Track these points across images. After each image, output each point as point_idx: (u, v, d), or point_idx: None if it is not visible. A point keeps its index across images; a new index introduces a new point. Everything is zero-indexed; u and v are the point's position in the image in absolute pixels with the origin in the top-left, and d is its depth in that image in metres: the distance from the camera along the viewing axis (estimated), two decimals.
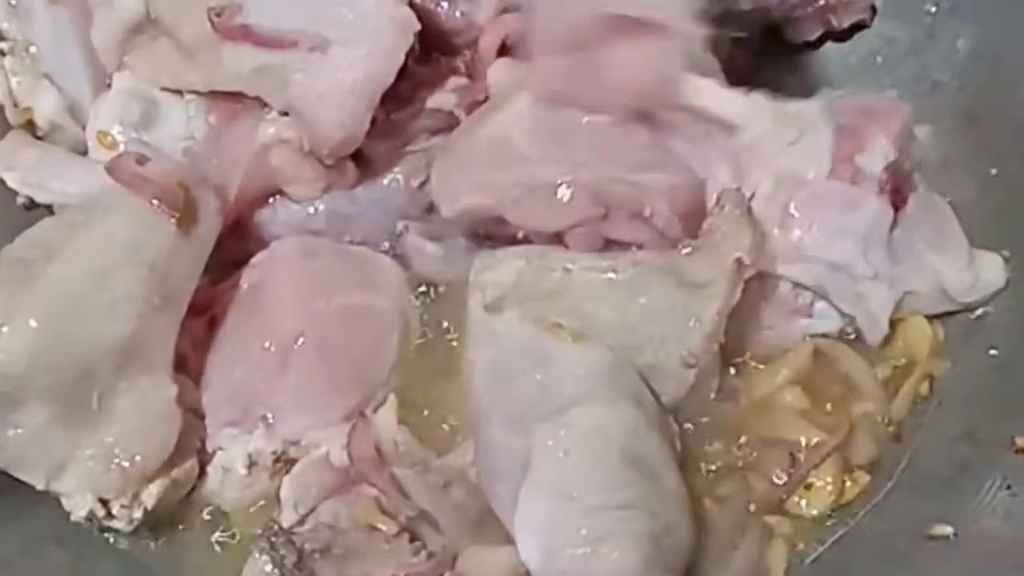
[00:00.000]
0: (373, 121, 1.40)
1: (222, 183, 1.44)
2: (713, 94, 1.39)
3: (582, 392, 1.27)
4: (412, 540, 1.27)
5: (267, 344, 1.40)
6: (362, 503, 1.29)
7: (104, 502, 1.31)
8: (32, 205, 1.47)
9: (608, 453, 1.24)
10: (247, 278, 1.46)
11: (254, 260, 1.48)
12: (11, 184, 1.46)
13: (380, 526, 1.27)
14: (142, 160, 1.36)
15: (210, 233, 1.38)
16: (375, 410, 1.39)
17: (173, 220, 1.33)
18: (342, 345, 1.42)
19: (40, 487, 1.30)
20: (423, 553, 1.27)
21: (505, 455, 1.28)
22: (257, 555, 1.26)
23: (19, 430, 1.27)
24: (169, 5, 1.42)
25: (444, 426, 1.42)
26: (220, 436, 1.38)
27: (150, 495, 1.31)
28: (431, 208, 1.50)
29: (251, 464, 1.35)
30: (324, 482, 1.33)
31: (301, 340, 1.40)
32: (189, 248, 1.36)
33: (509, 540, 1.25)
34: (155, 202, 1.33)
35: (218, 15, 1.37)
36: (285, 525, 1.29)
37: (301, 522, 1.30)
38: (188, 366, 1.40)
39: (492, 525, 1.30)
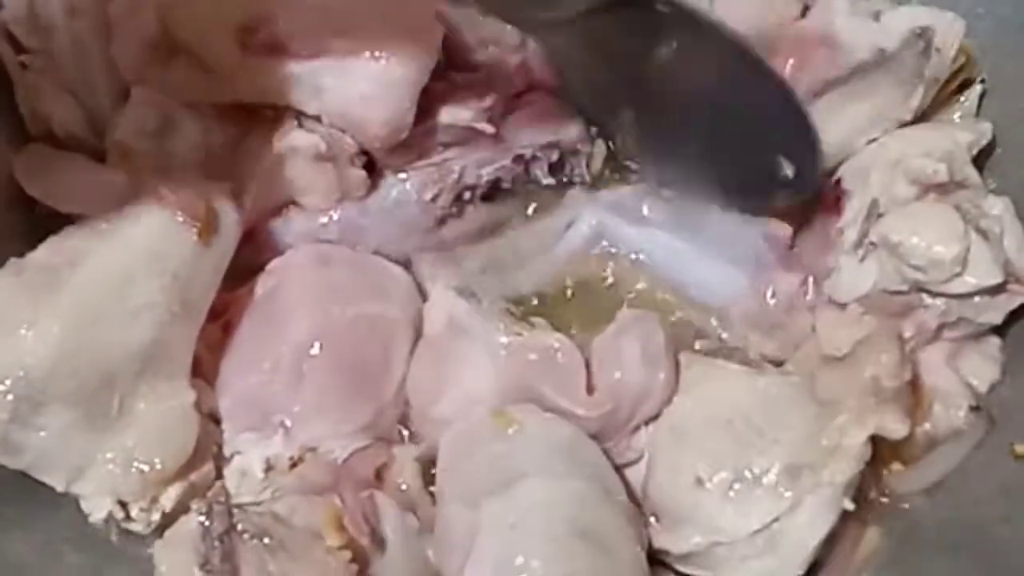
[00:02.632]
0: None
1: (237, 193, 1.46)
2: None
3: (533, 466, 1.27)
4: (352, 561, 1.26)
5: (282, 351, 1.41)
6: (325, 510, 1.29)
7: (123, 505, 1.33)
8: (54, 213, 1.48)
9: (554, 525, 1.22)
10: (262, 284, 1.48)
11: (269, 267, 1.50)
12: (32, 193, 1.47)
13: (329, 540, 1.27)
14: (162, 170, 1.39)
15: (230, 243, 1.41)
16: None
17: (194, 230, 1.35)
18: (356, 354, 1.43)
19: (60, 489, 1.32)
20: (351, 575, 1.26)
21: (455, 530, 1.28)
22: (192, 515, 1.26)
23: (42, 433, 1.29)
24: (190, 22, 1.45)
25: None
26: (238, 440, 1.40)
27: (168, 498, 1.33)
28: (443, 221, 1.54)
29: (268, 468, 1.37)
30: (310, 477, 1.35)
31: (316, 348, 1.41)
32: (209, 258, 1.38)
33: None
34: (177, 213, 1.35)
35: (250, 32, 1.40)
36: (241, 500, 1.32)
37: (257, 504, 1.32)
38: (203, 370, 1.42)
39: None
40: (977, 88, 1.54)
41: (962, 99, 1.55)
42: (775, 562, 1.27)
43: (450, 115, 1.52)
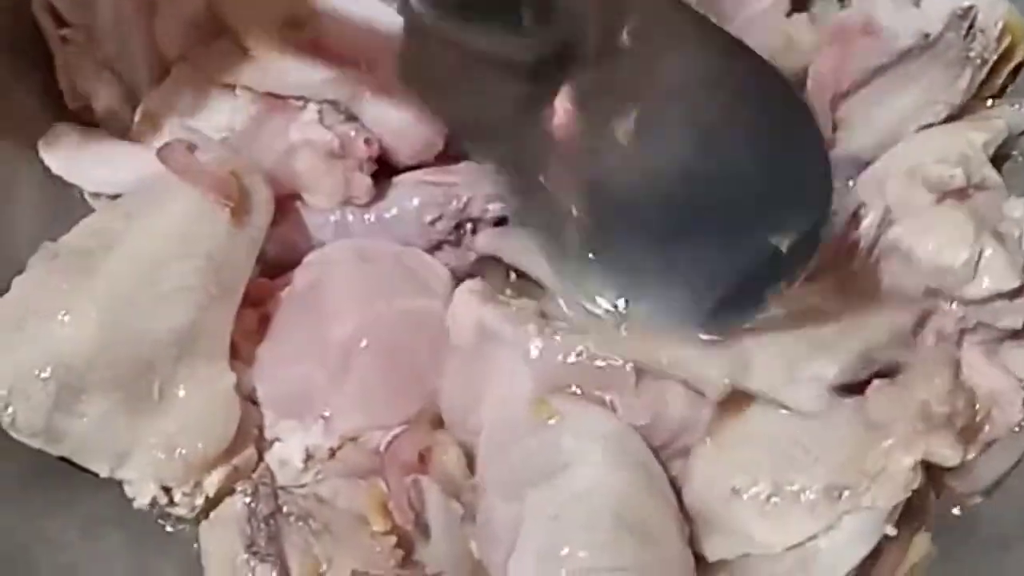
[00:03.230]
0: None
1: None
2: None
3: (577, 456, 1.25)
4: (397, 546, 1.26)
5: (328, 346, 1.39)
6: (370, 494, 1.28)
7: (167, 490, 1.33)
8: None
9: (600, 515, 1.20)
10: (301, 277, 1.46)
11: (307, 260, 1.48)
12: (58, 172, 1.46)
13: (375, 524, 1.26)
14: (192, 148, 1.37)
15: (262, 222, 1.39)
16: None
17: (227, 211, 1.33)
18: (403, 349, 1.41)
19: (104, 475, 1.32)
20: (397, 560, 1.25)
21: (499, 522, 1.27)
22: (238, 494, 1.27)
23: (84, 419, 1.29)
24: (238, 6, 1.43)
25: None
26: (279, 427, 1.39)
27: (212, 483, 1.33)
28: (438, 247, 1.51)
29: (308, 458, 1.36)
30: (351, 462, 1.34)
31: (363, 343, 1.39)
32: (243, 238, 1.36)
33: None
34: (209, 192, 1.33)
35: (296, 26, 1.39)
36: (284, 482, 1.31)
37: (300, 486, 1.31)
38: (240, 354, 1.41)
39: None
40: None
41: (1016, 105, 1.50)
42: None
43: None
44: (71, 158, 1.47)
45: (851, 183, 1.48)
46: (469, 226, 1.50)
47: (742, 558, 1.27)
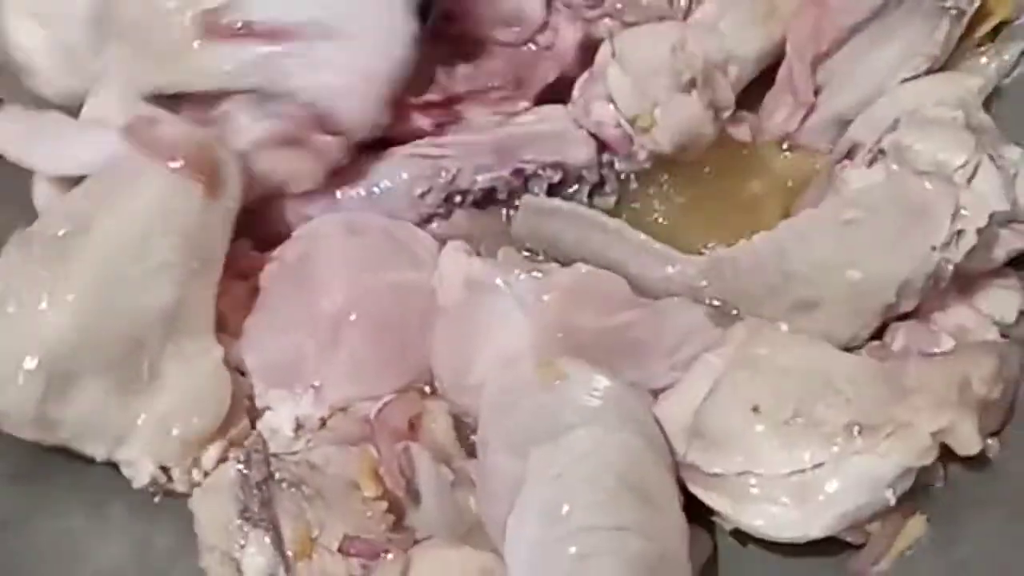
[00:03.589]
0: None
1: None
2: None
3: (584, 417, 1.25)
4: (388, 511, 1.26)
5: (317, 318, 1.40)
6: (361, 460, 1.29)
7: (165, 469, 1.33)
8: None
9: (604, 475, 1.20)
10: (291, 250, 1.46)
11: (296, 234, 1.48)
12: (13, 159, 1.42)
13: (366, 490, 1.26)
14: (154, 122, 1.35)
15: (236, 192, 1.37)
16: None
17: (200, 185, 1.32)
18: (393, 321, 1.41)
19: (101, 458, 1.32)
20: (388, 525, 1.26)
21: (501, 479, 1.26)
22: (231, 463, 1.28)
23: (76, 406, 1.28)
24: (131, 10, 1.41)
25: None
26: (269, 396, 1.39)
27: (209, 458, 1.33)
28: (428, 219, 1.51)
29: (298, 427, 1.36)
30: (342, 430, 1.35)
31: (353, 315, 1.39)
32: (218, 210, 1.35)
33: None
34: (178, 167, 1.31)
35: (216, 14, 1.36)
36: (276, 450, 1.31)
37: (292, 453, 1.31)
38: (228, 326, 1.40)
39: (479, 540, 1.30)
40: (1021, 44, 1.52)
41: (1005, 56, 1.52)
42: (797, 515, 1.25)
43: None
44: (27, 143, 1.43)
45: None
46: (458, 198, 1.51)
47: (740, 476, 1.27)
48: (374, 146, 1.49)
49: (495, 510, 1.26)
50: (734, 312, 1.40)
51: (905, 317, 1.39)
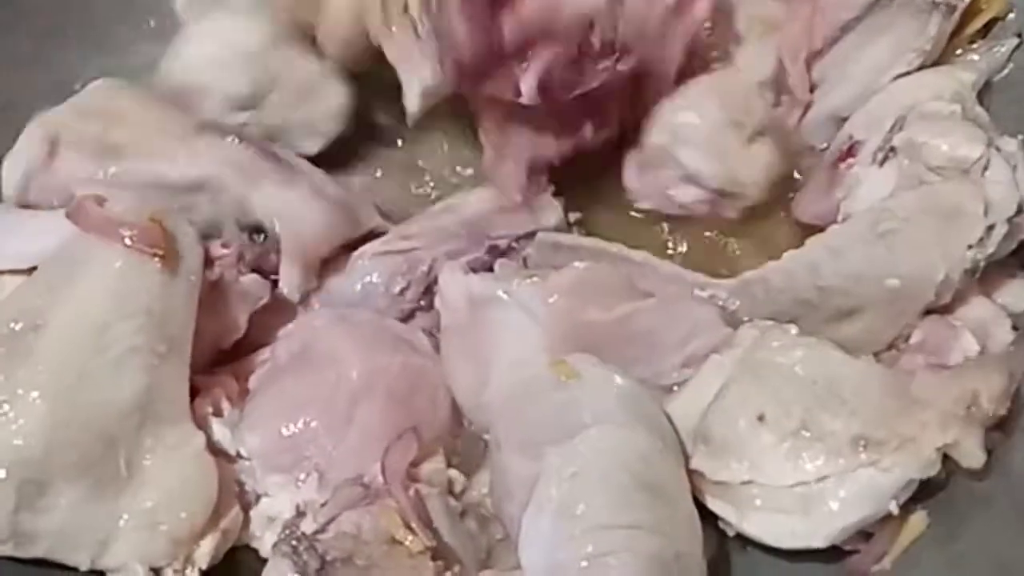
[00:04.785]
0: None
1: None
2: None
3: (597, 415, 1.25)
4: (434, 559, 1.24)
5: (332, 393, 1.36)
6: (387, 515, 1.25)
7: (156, 571, 1.25)
8: None
9: (619, 474, 1.20)
10: (284, 347, 1.44)
11: (285, 331, 1.46)
12: None
13: (405, 541, 1.23)
14: (101, 201, 1.29)
15: (196, 263, 1.31)
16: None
17: (156, 260, 1.25)
18: (405, 398, 1.38)
19: (85, 568, 1.25)
20: (439, 570, 1.23)
21: (515, 478, 1.26)
22: (279, 559, 1.21)
23: (52, 515, 1.22)
24: None
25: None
26: (266, 483, 1.33)
27: (203, 554, 1.26)
28: (411, 315, 1.49)
29: (299, 514, 1.30)
30: (349, 494, 1.29)
31: (369, 390, 1.36)
32: (180, 284, 1.28)
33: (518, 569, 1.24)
34: (131, 244, 1.25)
35: None
36: (306, 532, 1.25)
37: (322, 530, 1.25)
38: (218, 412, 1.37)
39: (501, 558, 1.30)
40: (1013, 40, 1.52)
41: (997, 52, 1.52)
42: (801, 526, 1.25)
43: None
44: None
45: None
46: (437, 287, 1.48)
47: (744, 485, 1.27)
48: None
49: (509, 507, 1.26)
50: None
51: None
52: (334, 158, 1.59)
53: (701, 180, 1.48)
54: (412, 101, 1.42)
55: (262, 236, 1.45)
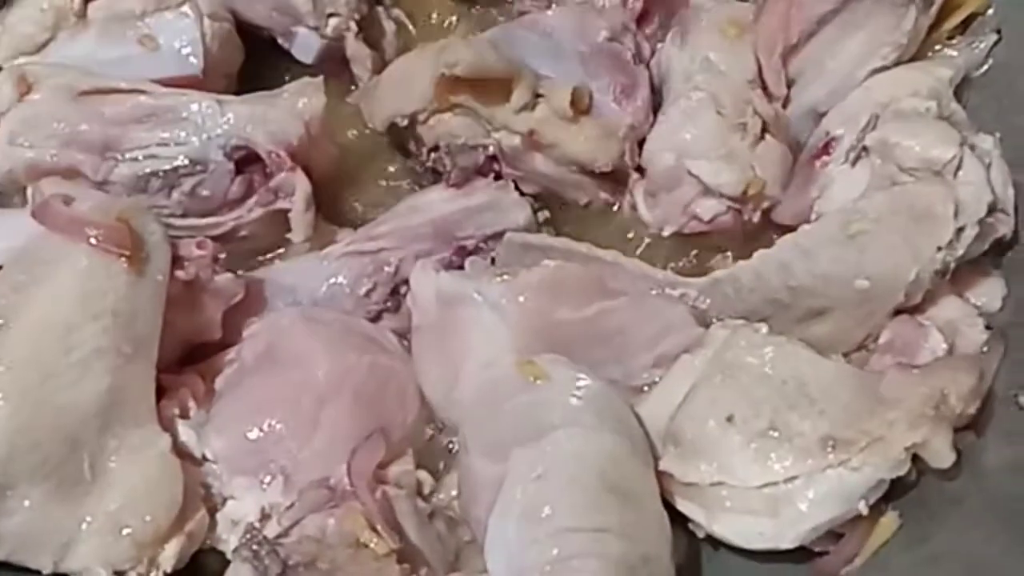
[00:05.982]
0: None
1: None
2: None
3: (565, 417, 1.24)
4: (401, 561, 1.23)
5: (298, 395, 1.34)
6: (351, 518, 1.24)
7: (120, 574, 1.24)
8: None
9: (586, 476, 1.20)
10: (250, 347, 1.41)
11: (250, 331, 1.43)
12: None
13: (370, 544, 1.22)
14: (68, 200, 1.27)
15: (163, 264, 1.29)
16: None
17: (123, 260, 1.24)
18: (374, 399, 1.37)
19: (48, 572, 1.23)
20: (405, 573, 1.23)
21: (481, 481, 1.26)
22: (239, 564, 1.20)
23: (14, 517, 1.20)
24: None
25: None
26: (232, 485, 1.32)
27: (168, 557, 1.25)
28: (377, 316, 1.48)
29: (264, 517, 1.29)
30: (314, 497, 1.28)
31: (336, 392, 1.34)
32: (146, 285, 1.27)
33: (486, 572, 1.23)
34: (97, 244, 1.23)
35: None
36: (269, 536, 1.24)
37: (286, 533, 1.24)
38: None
39: (469, 561, 1.29)
40: (992, 36, 1.52)
41: (975, 48, 1.52)
42: (769, 527, 1.25)
43: None
44: None
45: None
46: (404, 289, 1.47)
47: (713, 486, 1.27)
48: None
49: (477, 511, 1.26)
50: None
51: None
52: None
53: (721, 189, 1.46)
54: None
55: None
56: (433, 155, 1.52)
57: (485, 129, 1.50)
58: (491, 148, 1.51)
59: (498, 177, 1.54)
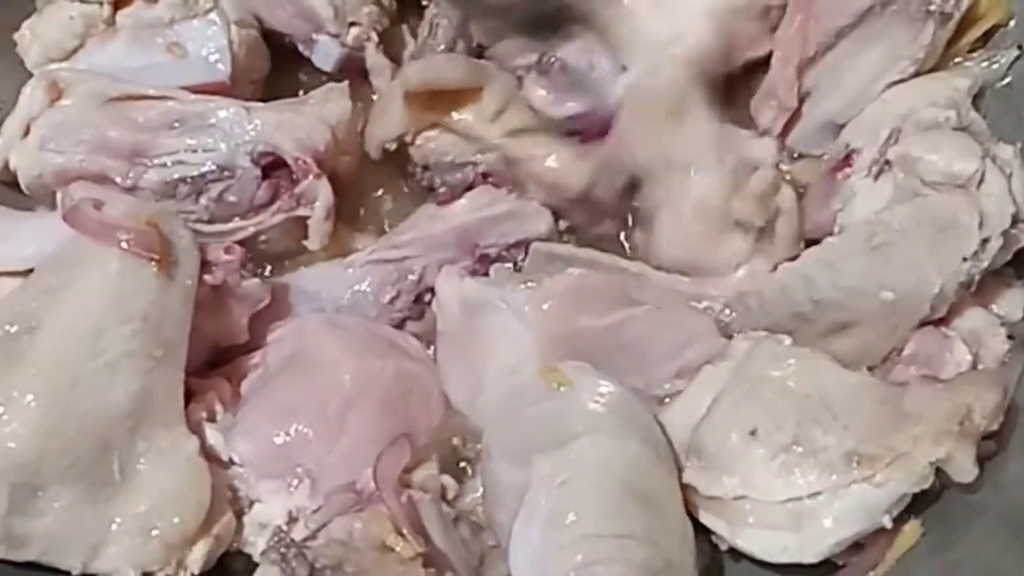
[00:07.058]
0: None
1: None
2: None
3: (589, 424, 1.25)
4: (426, 566, 1.23)
5: (324, 400, 1.35)
6: (378, 521, 1.24)
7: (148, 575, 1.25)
8: None
9: (610, 483, 1.21)
10: (275, 352, 1.42)
11: (275, 336, 1.44)
12: None
13: (396, 547, 1.22)
14: (99, 204, 1.28)
15: (192, 268, 1.30)
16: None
17: (152, 264, 1.25)
18: (398, 405, 1.37)
19: (77, 572, 1.24)
20: None
21: (504, 487, 1.27)
22: (267, 566, 1.21)
23: (45, 518, 1.21)
24: None
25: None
26: (259, 488, 1.32)
27: (195, 559, 1.25)
28: (401, 324, 1.48)
29: (291, 520, 1.29)
30: (341, 501, 1.28)
31: (361, 397, 1.35)
32: (175, 289, 1.28)
33: None
34: (128, 247, 1.24)
35: None
36: (296, 539, 1.24)
37: (313, 536, 1.25)
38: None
39: (494, 565, 1.30)
40: (1013, 51, 1.50)
41: (996, 62, 1.51)
42: (792, 542, 1.25)
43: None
44: None
45: None
46: (428, 296, 1.49)
47: (736, 500, 1.26)
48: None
49: (501, 517, 1.27)
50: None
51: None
52: None
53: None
54: None
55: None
56: (426, 174, 1.52)
57: (473, 146, 1.50)
58: (481, 165, 1.51)
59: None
